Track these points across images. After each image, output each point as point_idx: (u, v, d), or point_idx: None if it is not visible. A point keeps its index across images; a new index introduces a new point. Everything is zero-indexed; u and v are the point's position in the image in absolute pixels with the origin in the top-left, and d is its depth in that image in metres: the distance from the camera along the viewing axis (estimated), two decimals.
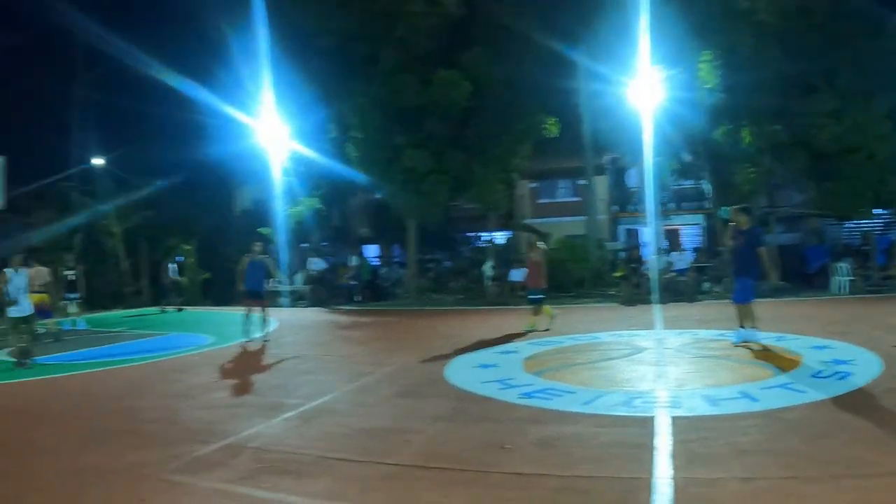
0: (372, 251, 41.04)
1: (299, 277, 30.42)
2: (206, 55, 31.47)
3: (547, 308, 16.13)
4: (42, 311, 15.39)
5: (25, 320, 13.81)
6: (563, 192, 39.60)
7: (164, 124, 40.42)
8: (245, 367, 13.29)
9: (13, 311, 13.59)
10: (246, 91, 27.71)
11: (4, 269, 13.72)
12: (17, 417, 9.50)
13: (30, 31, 43.66)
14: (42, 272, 17.33)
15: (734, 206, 12.76)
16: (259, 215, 33.22)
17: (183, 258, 31.28)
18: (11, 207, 26.85)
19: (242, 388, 10.92)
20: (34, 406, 10.32)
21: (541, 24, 24.46)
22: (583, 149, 28.55)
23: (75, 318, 21.24)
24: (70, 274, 21.01)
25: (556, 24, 24.71)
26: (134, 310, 29.29)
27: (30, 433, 8.40)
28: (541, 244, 17.18)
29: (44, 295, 16.74)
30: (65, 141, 39.71)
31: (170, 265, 28.81)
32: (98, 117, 40.76)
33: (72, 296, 21.02)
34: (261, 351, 14.93)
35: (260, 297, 16.40)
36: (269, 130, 27.89)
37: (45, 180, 35.85)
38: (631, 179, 38.40)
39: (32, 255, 16.59)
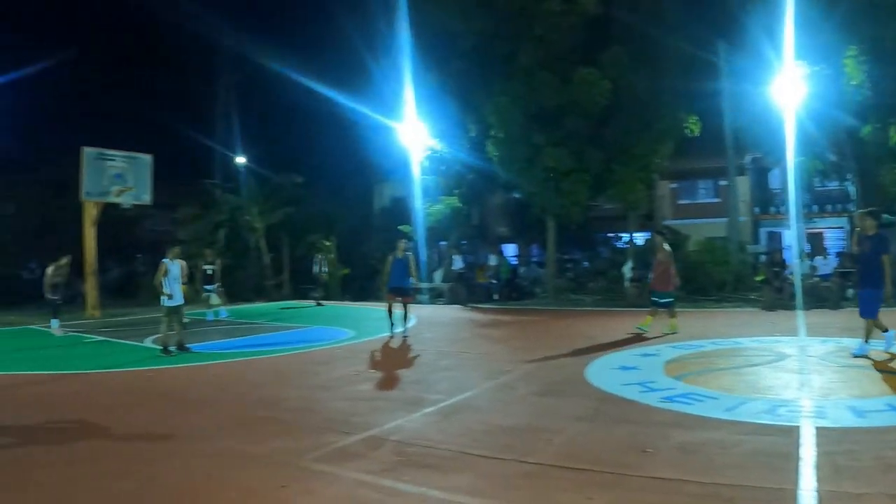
0: (510, 250, 41.12)
1: (438, 275, 30.80)
2: (348, 56, 32.33)
3: (648, 318, 15.91)
4: None
5: (177, 310, 14.52)
6: (703, 193, 39.02)
7: (307, 124, 41.72)
8: (385, 361, 13.64)
9: (167, 301, 14.30)
10: (387, 91, 28.24)
11: (163, 260, 14.48)
12: (160, 403, 10.03)
13: (176, 33, 45.44)
14: (182, 265, 18.24)
15: (860, 210, 12.31)
16: (398, 213, 33.77)
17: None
18: (158, 204, 28.23)
19: (382, 382, 11.22)
20: (177, 392, 10.86)
21: (681, 21, 24.09)
22: (724, 148, 27.89)
23: (218, 308, 22.39)
24: (208, 268, 22.14)
25: (696, 22, 24.29)
26: (281, 302, 30.31)
27: (172, 418, 8.85)
28: (666, 246, 16.85)
29: (184, 286, 17.60)
30: (210, 140, 41.48)
31: (320, 258, 29.65)
32: (242, 117, 42.46)
33: (209, 287, 22.21)
34: (401, 346, 15.23)
35: (403, 294, 16.69)
36: (410, 129, 28.36)
37: (191, 178, 37.54)
38: (773, 180, 37.41)
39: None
